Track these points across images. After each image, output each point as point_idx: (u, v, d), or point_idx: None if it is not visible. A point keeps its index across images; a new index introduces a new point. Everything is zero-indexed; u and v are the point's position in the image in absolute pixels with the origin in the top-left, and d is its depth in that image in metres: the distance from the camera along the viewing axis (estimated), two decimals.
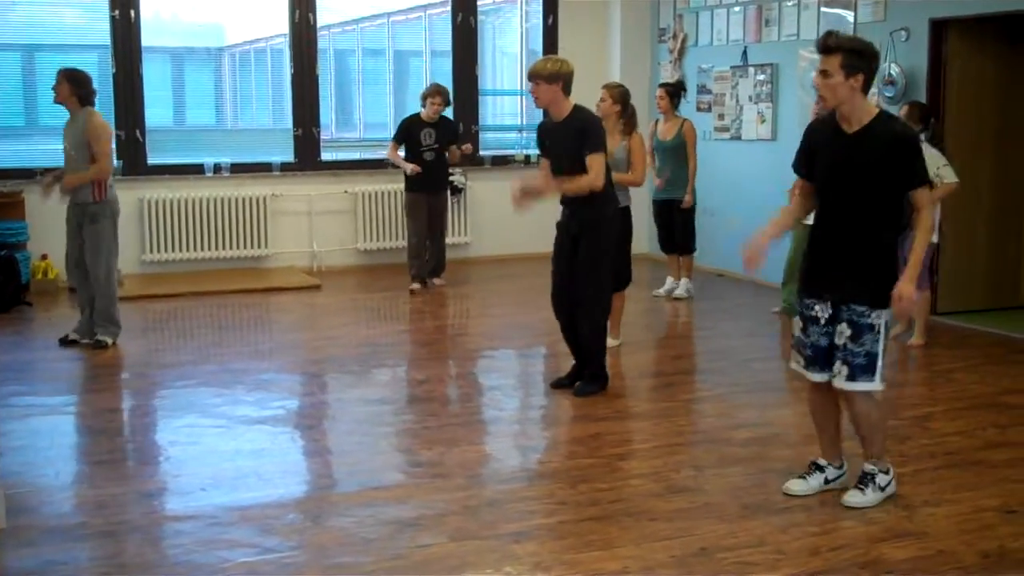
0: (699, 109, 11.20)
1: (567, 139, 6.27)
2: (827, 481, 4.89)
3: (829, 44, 4.49)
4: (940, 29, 8.52)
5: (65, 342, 7.80)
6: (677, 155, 9.50)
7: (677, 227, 9.64)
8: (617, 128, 7.48)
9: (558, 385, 6.64)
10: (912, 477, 5.08)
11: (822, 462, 4.93)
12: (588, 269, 6.37)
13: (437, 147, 10.07)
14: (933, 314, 8.57)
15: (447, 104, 10.14)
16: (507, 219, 10.87)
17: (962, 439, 5.67)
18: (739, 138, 10.69)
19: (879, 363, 4.58)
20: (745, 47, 10.54)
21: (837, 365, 4.61)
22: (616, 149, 7.37)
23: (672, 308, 9.39)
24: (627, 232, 7.30)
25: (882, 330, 4.56)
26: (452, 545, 4.32)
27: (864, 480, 4.75)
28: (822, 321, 4.66)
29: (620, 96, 7.55)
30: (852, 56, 4.45)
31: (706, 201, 10.97)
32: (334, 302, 9.68)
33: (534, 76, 6.27)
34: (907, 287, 4.48)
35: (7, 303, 9.01)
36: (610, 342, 7.10)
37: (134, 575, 4.07)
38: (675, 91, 9.70)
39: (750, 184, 10.42)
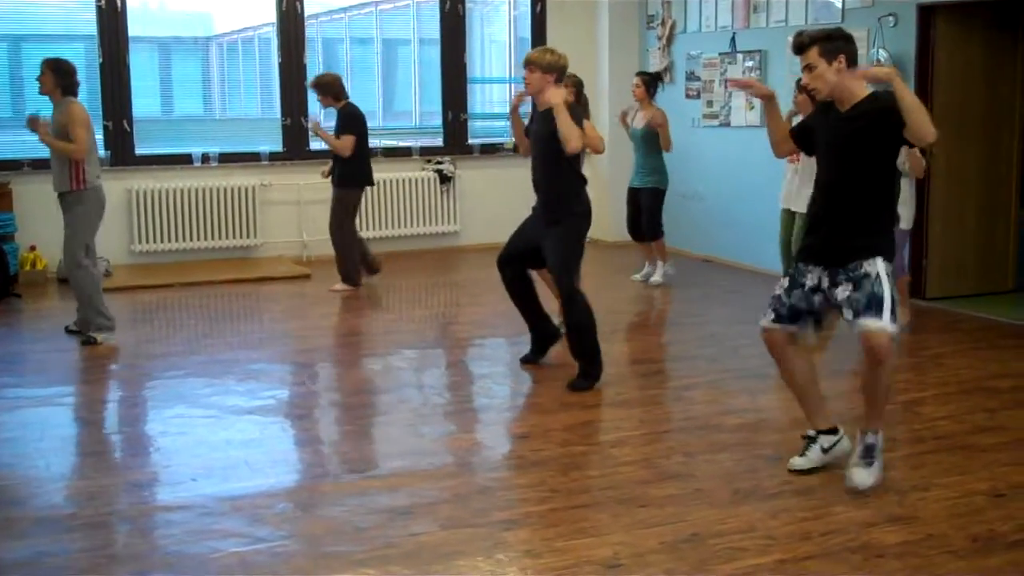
0: (687, 96, 11.20)
1: (548, 124, 6.32)
2: (824, 450, 4.94)
3: (803, 41, 4.72)
4: (928, 15, 8.52)
5: (69, 331, 7.77)
6: (648, 143, 9.57)
7: (643, 212, 9.68)
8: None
9: (526, 361, 6.86)
10: (902, 462, 5.10)
11: (812, 432, 4.99)
12: (559, 270, 6.43)
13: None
14: (922, 299, 8.60)
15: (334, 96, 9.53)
16: (496, 208, 10.93)
17: (951, 423, 5.70)
18: (728, 125, 10.69)
19: (885, 304, 4.58)
20: (734, 33, 10.54)
21: (846, 312, 4.66)
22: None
23: (659, 295, 9.40)
24: None
25: (882, 275, 4.62)
26: (443, 533, 4.32)
27: (868, 454, 4.74)
28: (807, 287, 4.78)
29: (574, 85, 7.74)
30: (827, 43, 4.68)
31: (694, 187, 11.01)
32: (324, 291, 9.65)
33: (531, 63, 6.36)
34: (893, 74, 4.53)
35: None
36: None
37: (125, 565, 4.07)
38: (652, 80, 9.77)
39: (739, 171, 10.43)
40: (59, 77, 7.37)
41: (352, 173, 9.51)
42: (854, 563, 4.02)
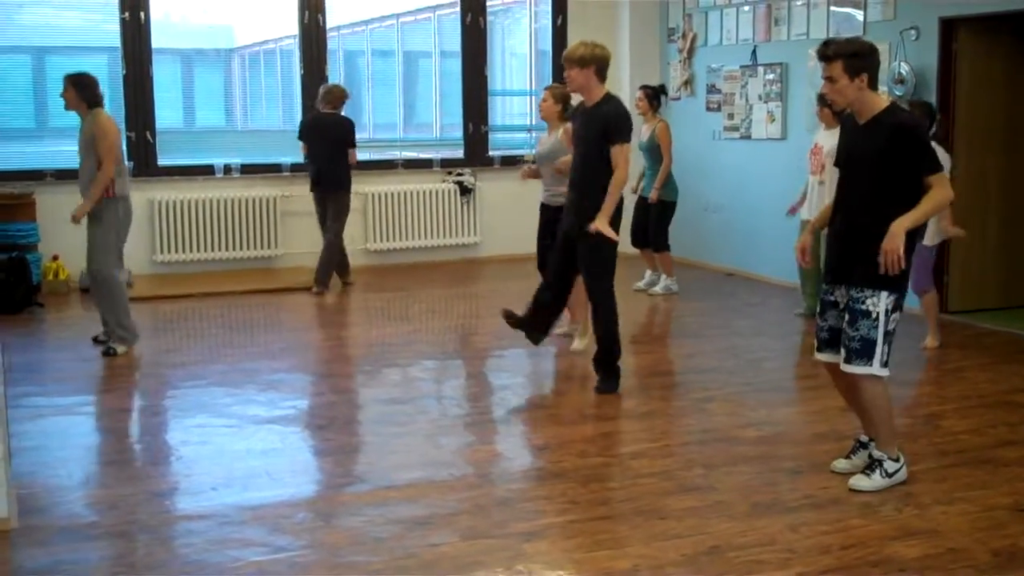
0: (708, 109, 11.20)
1: (592, 126, 6.34)
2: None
3: (828, 53, 4.71)
4: (949, 28, 8.50)
5: (97, 341, 7.79)
6: (652, 155, 9.65)
7: (651, 224, 9.73)
8: (557, 124, 7.68)
9: (511, 318, 7.00)
10: (923, 475, 5.07)
11: (864, 438, 5.09)
12: (591, 276, 6.49)
13: None
14: (944, 312, 8.55)
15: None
16: (516, 219, 10.93)
17: (973, 437, 5.66)
18: (748, 137, 10.67)
19: (877, 349, 4.72)
20: (755, 46, 10.53)
21: (842, 349, 4.82)
22: (551, 140, 7.68)
23: (680, 307, 9.38)
24: None
25: (881, 316, 4.69)
26: (463, 544, 4.32)
27: (872, 466, 4.89)
28: (841, 305, 4.84)
29: (561, 97, 7.75)
30: (852, 59, 4.68)
31: (715, 200, 11.00)
32: (344, 302, 9.69)
33: (566, 60, 6.37)
34: (893, 240, 4.54)
35: (18, 304, 9.03)
36: (576, 345, 7.57)
37: (145, 574, 4.08)
38: (655, 93, 9.85)
39: (759, 183, 10.41)
40: (81, 91, 7.40)
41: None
42: None
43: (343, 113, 10.14)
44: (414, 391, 6.90)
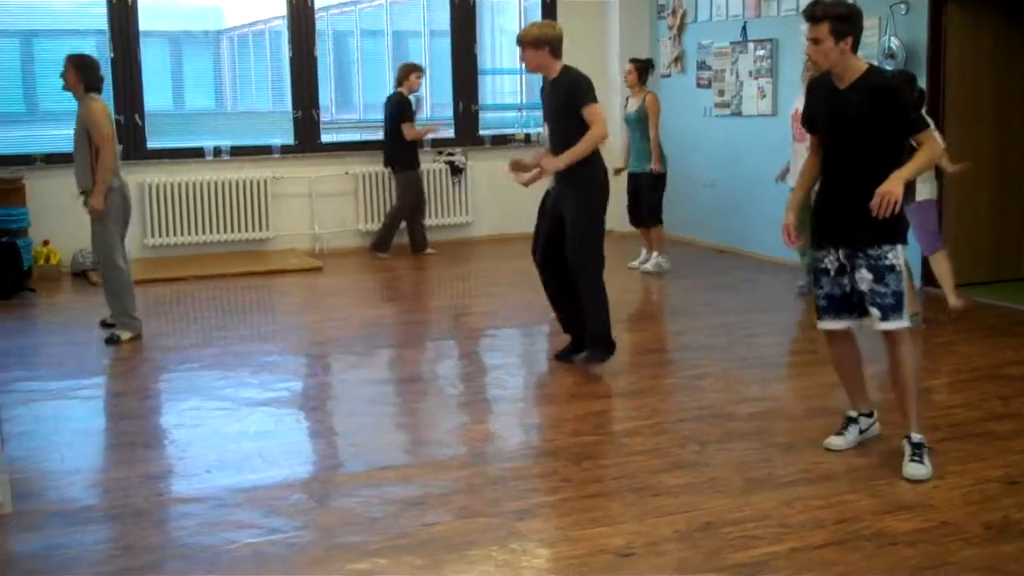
0: (699, 85, 11.18)
1: (557, 97, 6.34)
2: (861, 431, 5.09)
3: (816, 13, 4.70)
4: (939, 2, 8.48)
5: (104, 324, 7.74)
6: (641, 128, 9.62)
7: (642, 199, 9.70)
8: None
9: (562, 358, 6.65)
10: None
11: (853, 414, 5.13)
12: (577, 236, 6.32)
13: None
14: (935, 286, 8.56)
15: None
16: (507, 198, 10.92)
17: (965, 411, 5.68)
18: (739, 114, 10.66)
19: (906, 300, 4.77)
20: (745, 22, 10.50)
21: (872, 310, 4.77)
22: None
23: (672, 284, 9.39)
24: None
25: (901, 267, 4.75)
26: (457, 523, 4.33)
27: (918, 451, 4.78)
28: (832, 272, 4.85)
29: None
30: (839, 22, 4.69)
31: (707, 175, 10.99)
32: (336, 283, 9.68)
33: (520, 42, 6.35)
34: (891, 184, 4.56)
35: (9, 289, 9.02)
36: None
37: (140, 557, 4.08)
38: (644, 67, 9.83)
39: (751, 160, 10.40)
40: (82, 73, 7.34)
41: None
42: (868, 551, 4.01)
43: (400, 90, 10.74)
44: (407, 372, 6.90)
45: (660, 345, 7.57)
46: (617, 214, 11.33)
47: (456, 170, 11.57)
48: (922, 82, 8.44)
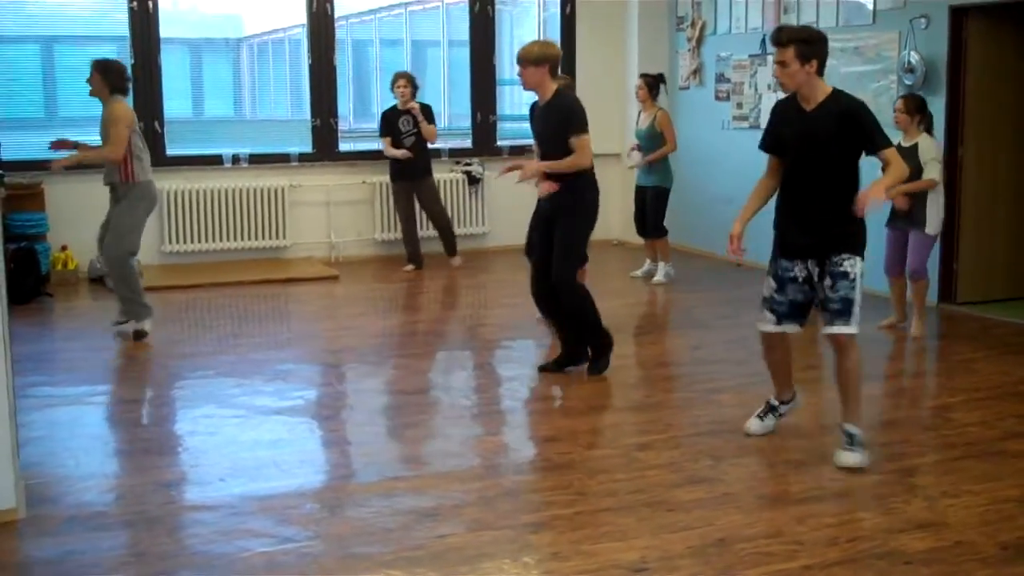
0: (717, 98, 11.16)
1: (550, 121, 6.43)
2: (779, 416, 5.56)
3: (782, 38, 4.98)
4: (960, 16, 8.46)
5: (118, 323, 7.78)
6: (652, 144, 9.69)
7: (647, 211, 9.81)
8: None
9: (544, 369, 6.80)
10: (931, 467, 5.07)
11: (774, 402, 5.55)
12: (563, 255, 6.49)
13: (416, 132, 10.36)
14: (952, 303, 8.54)
15: (415, 88, 10.45)
16: (524, 208, 10.81)
17: (982, 429, 5.65)
18: (758, 127, 10.63)
19: (855, 308, 5.01)
20: (764, 35, 10.49)
21: (822, 314, 5.13)
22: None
23: (688, 297, 9.36)
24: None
25: (858, 279, 5.01)
26: (470, 535, 4.33)
27: (852, 440, 5.05)
28: (800, 280, 5.18)
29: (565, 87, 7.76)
30: (803, 46, 4.93)
31: (724, 191, 10.97)
32: (352, 292, 9.70)
33: (522, 59, 6.40)
34: (875, 190, 4.89)
35: (27, 295, 9.04)
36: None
37: (153, 564, 4.09)
38: (654, 82, 9.89)
39: None
40: (107, 78, 7.39)
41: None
42: (881, 569, 4.00)
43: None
44: (421, 382, 6.90)
45: (676, 358, 7.56)
46: (627, 226, 11.39)
47: (473, 180, 11.58)
48: (941, 98, 8.44)
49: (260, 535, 4.33)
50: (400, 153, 10.30)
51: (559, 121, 6.38)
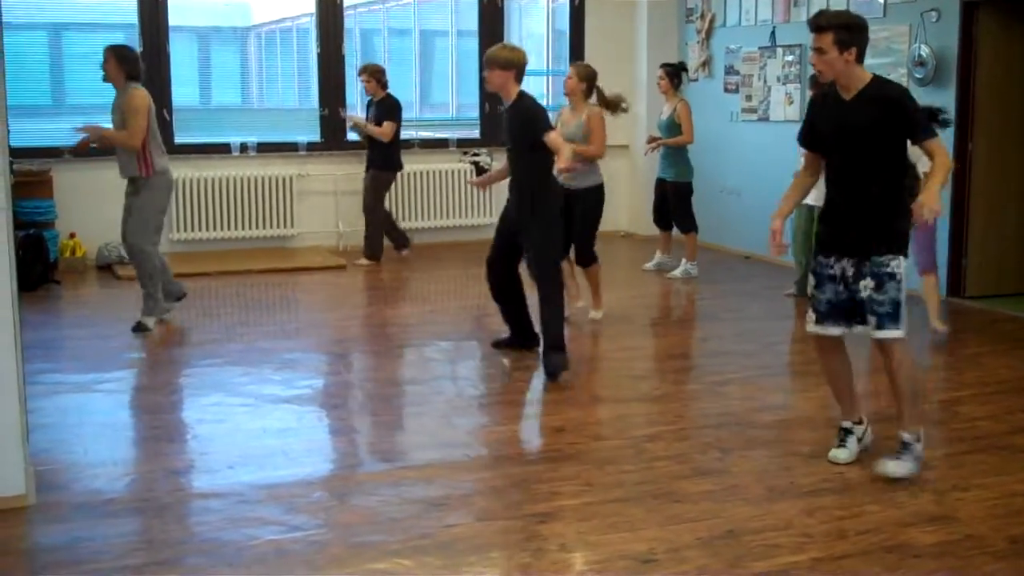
0: (726, 90, 11.15)
1: (514, 123, 6.61)
2: (859, 440, 5.08)
3: (821, 23, 4.73)
4: (971, 10, 8.43)
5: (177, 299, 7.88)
6: (672, 134, 9.68)
7: (670, 205, 9.79)
8: (581, 105, 7.82)
9: (498, 345, 7.06)
10: (941, 461, 5.06)
11: (847, 424, 5.10)
12: (538, 259, 6.57)
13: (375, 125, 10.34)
14: (961, 297, 8.53)
15: (379, 82, 10.30)
16: None
17: (991, 424, 5.64)
18: (767, 119, 10.63)
19: (903, 310, 4.76)
20: (774, 27, 10.47)
21: (868, 318, 4.79)
22: (572, 124, 7.76)
23: (697, 290, 9.36)
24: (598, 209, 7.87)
25: (902, 278, 4.76)
26: (478, 525, 4.33)
27: (904, 449, 4.83)
28: (838, 278, 4.84)
29: (586, 75, 7.88)
30: (843, 32, 4.68)
31: (731, 183, 10.97)
32: (359, 282, 9.70)
33: (489, 61, 6.55)
34: (927, 196, 4.60)
35: (35, 282, 9.05)
36: (593, 315, 7.83)
37: (162, 551, 4.09)
38: (675, 72, 9.90)
39: (777, 166, 10.33)
40: (122, 63, 7.39)
41: (388, 157, 10.30)
42: (890, 563, 3.99)
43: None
44: (429, 371, 6.90)
45: (684, 351, 7.55)
46: (638, 217, 11.37)
47: (481, 171, 11.55)
48: (951, 93, 8.43)
49: (269, 523, 4.34)
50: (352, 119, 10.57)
51: (522, 124, 6.52)
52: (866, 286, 4.75)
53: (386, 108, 10.23)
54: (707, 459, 5.10)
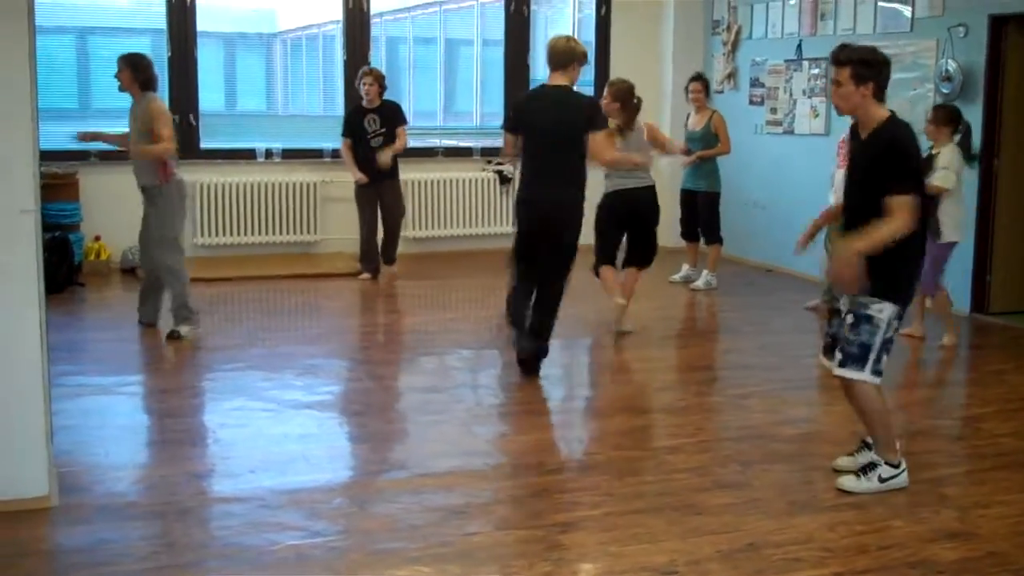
0: (752, 103, 11.13)
1: (566, 112, 6.71)
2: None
3: (840, 57, 4.71)
4: (999, 25, 8.39)
5: (142, 323, 7.86)
6: (707, 145, 9.71)
7: (700, 216, 9.82)
8: (616, 122, 7.87)
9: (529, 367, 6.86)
10: (963, 478, 5.04)
11: (870, 439, 5.02)
12: (567, 264, 6.71)
13: (384, 132, 9.82)
14: (985, 314, 8.49)
15: (381, 86, 9.82)
16: None
17: (1014, 440, 5.61)
18: (792, 132, 10.60)
19: (871, 355, 4.68)
20: (800, 40, 10.45)
21: (836, 353, 4.85)
22: (635, 134, 7.96)
23: (720, 303, 9.34)
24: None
25: (882, 324, 4.65)
26: (498, 534, 4.33)
27: (867, 469, 4.85)
28: (843, 312, 4.82)
29: (619, 94, 7.98)
30: (861, 67, 4.66)
31: (755, 195, 10.95)
32: (382, 289, 9.71)
33: (581, 56, 6.93)
34: (844, 247, 4.59)
35: (60, 284, 9.10)
36: (620, 300, 7.82)
37: (183, 555, 4.11)
38: (708, 83, 10.03)
39: (801, 179, 10.33)
40: (137, 73, 7.41)
41: (396, 162, 9.91)
42: None
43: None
44: (451, 380, 6.91)
45: (706, 363, 7.53)
46: (663, 229, 11.35)
47: (504, 179, 11.58)
48: (978, 108, 8.38)
49: (289, 528, 4.35)
50: (357, 177, 9.82)
51: (577, 115, 6.75)
52: (845, 321, 4.75)
53: (394, 112, 9.86)
54: (728, 472, 5.09)
